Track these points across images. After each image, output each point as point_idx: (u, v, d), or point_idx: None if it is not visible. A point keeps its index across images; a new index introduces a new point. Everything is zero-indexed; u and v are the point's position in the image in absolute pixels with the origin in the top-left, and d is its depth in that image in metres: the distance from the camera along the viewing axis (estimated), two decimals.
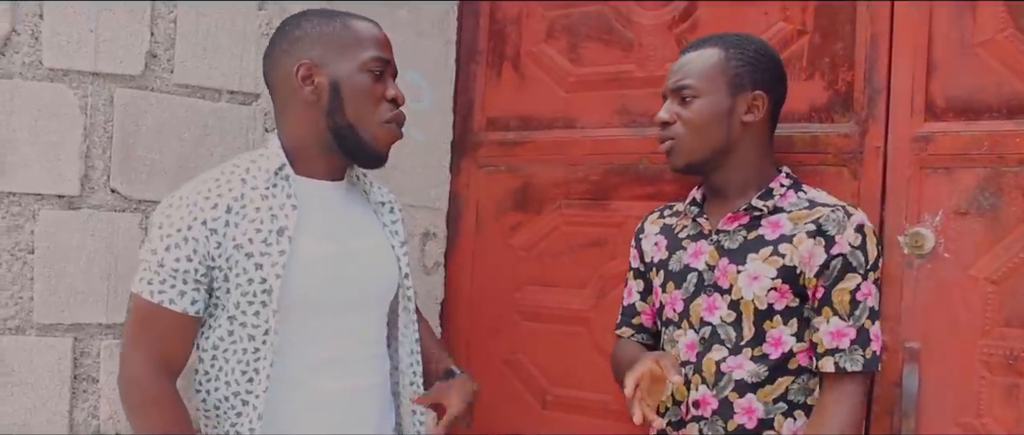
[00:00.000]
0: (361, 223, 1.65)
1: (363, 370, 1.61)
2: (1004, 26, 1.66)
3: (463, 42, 2.34)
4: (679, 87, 1.66)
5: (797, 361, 1.61)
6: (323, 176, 1.60)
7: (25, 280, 1.72)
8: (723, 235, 1.67)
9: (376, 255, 1.65)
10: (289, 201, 1.52)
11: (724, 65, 1.65)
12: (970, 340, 1.65)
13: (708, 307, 1.66)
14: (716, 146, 1.66)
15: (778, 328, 1.61)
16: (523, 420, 2.20)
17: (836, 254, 1.58)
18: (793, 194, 1.67)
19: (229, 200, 1.49)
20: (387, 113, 1.57)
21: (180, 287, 1.46)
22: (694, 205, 1.75)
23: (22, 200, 1.72)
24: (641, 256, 1.85)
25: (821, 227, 1.59)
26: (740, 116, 1.65)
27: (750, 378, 1.61)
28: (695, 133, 1.65)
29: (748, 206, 1.65)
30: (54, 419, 1.74)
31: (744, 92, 1.65)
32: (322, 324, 1.55)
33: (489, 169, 2.29)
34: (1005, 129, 1.65)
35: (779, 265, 1.60)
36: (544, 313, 2.17)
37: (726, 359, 1.63)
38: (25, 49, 1.72)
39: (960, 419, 1.67)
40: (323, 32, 1.55)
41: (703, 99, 1.64)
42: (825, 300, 1.58)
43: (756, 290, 1.61)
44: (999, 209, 1.65)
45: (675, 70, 1.69)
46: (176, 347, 1.50)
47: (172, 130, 1.85)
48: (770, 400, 1.61)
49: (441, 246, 2.33)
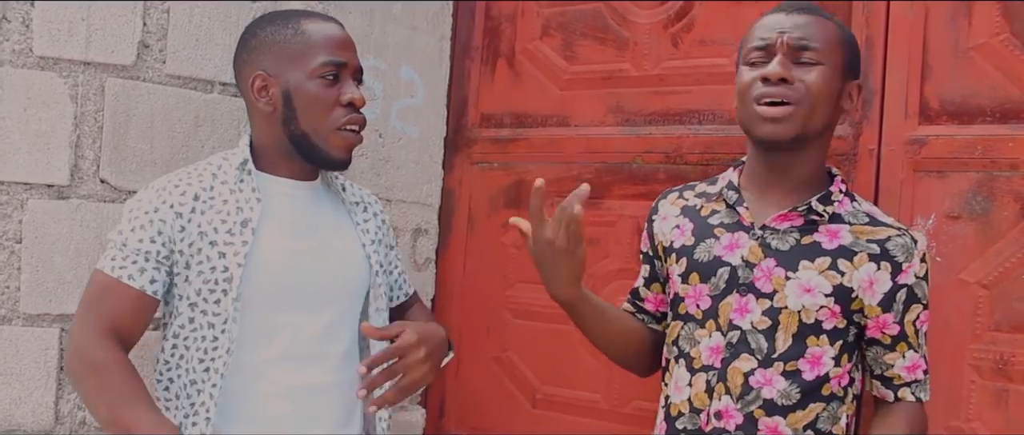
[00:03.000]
0: (332, 222, 1.65)
1: (327, 367, 1.59)
2: (999, 30, 1.66)
3: (458, 38, 2.33)
4: (802, 45, 1.43)
5: (830, 388, 1.47)
6: (291, 176, 1.61)
7: (12, 270, 1.70)
8: (770, 233, 1.49)
9: (345, 254, 1.65)
10: (254, 195, 1.54)
11: (843, 43, 1.48)
12: (960, 344, 1.66)
13: (739, 309, 1.48)
14: (824, 124, 1.46)
15: (822, 347, 1.46)
16: (512, 418, 2.20)
17: (903, 284, 1.45)
18: (849, 203, 1.51)
19: (198, 189, 1.52)
20: (341, 118, 1.56)
21: (141, 264, 1.47)
22: (732, 190, 1.54)
23: (10, 189, 1.71)
24: (652, 239, 1.66)
25: (888, 252, 1.45)
26: (842, 102, 1.49)
27: (780, 400, 1.46)
28: (813, 103, 1.43)
29: (807, 208, 1.47)
30: (39, 410, 1.73)
31: (851, 79, 1.50)
32: (285, 319, 1.55)
33: (482, 166, 2.28)
34: (998, 133, 1.65)
35: (836, 283, 1.45)
36: (535, 311, 2.16)
37: (755, 372, 1.47)
38: (16, 36, 1.70)
39: (949, 423, 1.67)
40: (275, 40, 1.56)
41: (826, 68, 1.44)
42: (900, 336, 1.47)
43: (807, 303, 1.45)
44: (991, 213, 1.65)
45: (790, 26, 1.45)
46: (129, 323, 1.48)
47: (163, 121, 1.84)
48: (800, 427, 1.46)
49: (433, 242, 2.32)
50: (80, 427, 1.77)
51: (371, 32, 2.12)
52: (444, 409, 2.32)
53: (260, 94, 1.56)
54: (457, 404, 2.30)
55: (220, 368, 1.50)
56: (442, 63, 2.32)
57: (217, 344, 1.50)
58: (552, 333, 2.14)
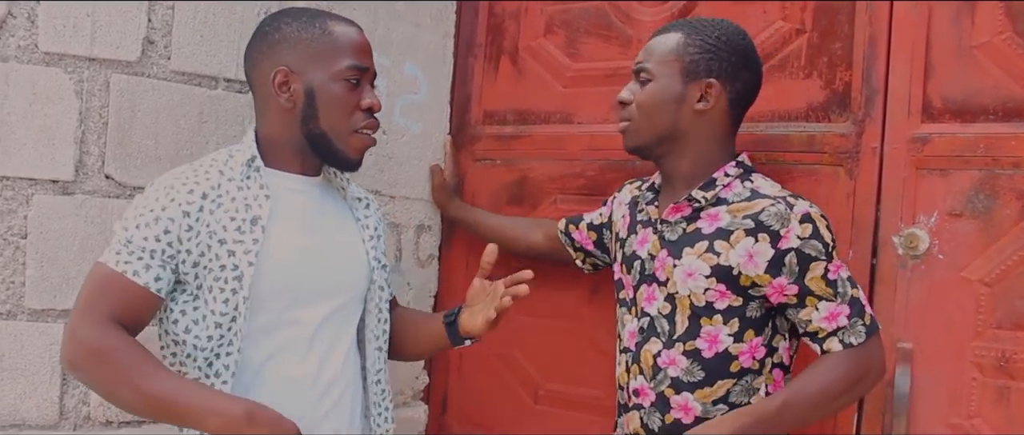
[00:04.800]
0: (335, 218, 1.67)
1: (331, 362, 1.60)
2: (1002, 29, 1.67)
3: (461, 35, 2.34)
4: (637, 69, 1.67)
5: (739, 364, 1.59)
6: (298, 171, 1.62)
7: (17, 265, 1.71)
8: (665, 226, 1.67)
9: (347, 250, 1.66)
10: (263, 192, 1.55)
11: (680, 51, 1.63)
12: (962, 342, 1.66)
13: (648, 297, 1.67)
14: (663, 132, 1.64)
15: (716, 326, 1.59)
16: (515, 414, 2.20)
17: (786, 248, 1.53)
18: (739, 184, 1.63)
19: (206, 188, 1.51)
20: (360, 122, 1.58)
21: (147, 261, 1.46)
22: (651, 191, 1.75)
23: (15, 184, 1.71)
24: (610, 215, 1.88)
25: (763, 223, 1.55)
26: (692, 104, 1.62)
27: (685, 376, 1.61)
28: (644, 116, 1.64)
29: (689, 197, 1.63)
30: (44, 405, 1.73)
31: (697, 80, 1.62)
32: (292, 314, 1.56)
33: (485, 163, 2.28)
34: (1001, 132, 1.65)
35: (713, 263, 1.58)
36: (537, 308, 2.17)
37: (661, 353, 1.63)
38: (21, 32, 1.71)
39: (950, 420, 1.67)
40: (301, 37, 1.56)
41: (656, 83, 1.64)
42: (802, 294, 1.54)
43: (692, 286, 1.59)
44: (993, 211, 1.65)
45: (639, 54, 1.70)
46: (130, 318, 1.45)
47: (168, 117, 1.84)
48: (709, 401, 1.60)
49: (436, 239, 2.33)
50: (84, 422, 1.77)
51: (375, 29, 2.13)
52: (446, 405, 2.33)
53: (281, 89, 1.56)
54: (459, 400, 2.31)
55: (231, 365, 1.50)
56: (446, 60, 2.32)
57: (223, 342, 1.50)
58: (555, 329, 2.15)
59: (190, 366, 1.51)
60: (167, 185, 1.51)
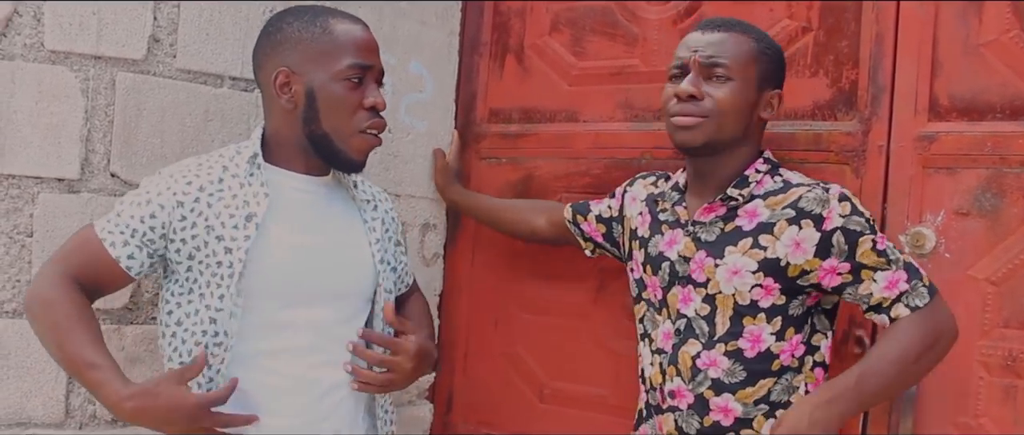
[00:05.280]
0: (341, 219, 1.66)
1: (334, 364, 1.59)
2: (1010, 27, 1.66)
3: (467, 33, 2.33)
4: (712, 63, 1.58)
5: (780, 362, 1.57)
6: (302, 171, 1.62)
7: (23, 263, 1.71)
8: (699, 227, 1.63)
9: (352, 251, 1.65)
10: (262, 189, 1.55)
11: (757, 56, 1.60)
12: (969, 340, 1.65)
13: (683, 299, 1.63)
14: (735, 133, 1.60)
15: (759, 325, 1.57)
16: (520, 413, 2.20)
17: (831, 229, 1.52)
18: (769, 179, 1.62)
19: (205, 181, 1.53)
20: (364, 122, 1.56)
21: (126, 237, 1.51)
22: (676, 191, 1.71)
23: (21, 183, 1.71)
24: (622, 209, 1.84)
25: (803, 210, 1.53)
26: (759, 111, 1.63)
27: (726, 378, 1.58)
28: (723, 116, 1.58)
29: (724, 196, 1.60)
30: (50, 404, 1.74)
31: (768, 89, 1.63)
32: (291, 314, 1.55)
33: (491, 161, 2.28)
34: (1008, 130, 1.65)
35: (760, 258, 1.55)
36: (543, 306, 2.17)
37: (700, 354, 1.60)
38: (27, 31, 1.71)
39: (957, 419, 1.67)
40: (302, 37, 1.55)
41: (736, 83, 1.58)
42: (856, 269, 1.51)
43: (738, 284, 1.57)
44: (1000, 210, 1.65)
45: (703, 44, 1.59)
46: (93, 282, 1.52)
47: (173, 115, 1.84)
48: (750, 402, 1.57)
49: (441, 237, 2.33)
50: (90, 421, 1.77)
51: (381, 27, 2.12)
52: (452, 404, 2.33)
53: (282, 90, 1.56)
54: (465, 399, 2.31)
55: (224, 356, 1.50)
56: (451, 58, 2.32)
57: (218, 337, 1.50)
58: (560, 328, 2.15)
59: (184, 358, 1.51)
60: (168, 173, 1.55)
